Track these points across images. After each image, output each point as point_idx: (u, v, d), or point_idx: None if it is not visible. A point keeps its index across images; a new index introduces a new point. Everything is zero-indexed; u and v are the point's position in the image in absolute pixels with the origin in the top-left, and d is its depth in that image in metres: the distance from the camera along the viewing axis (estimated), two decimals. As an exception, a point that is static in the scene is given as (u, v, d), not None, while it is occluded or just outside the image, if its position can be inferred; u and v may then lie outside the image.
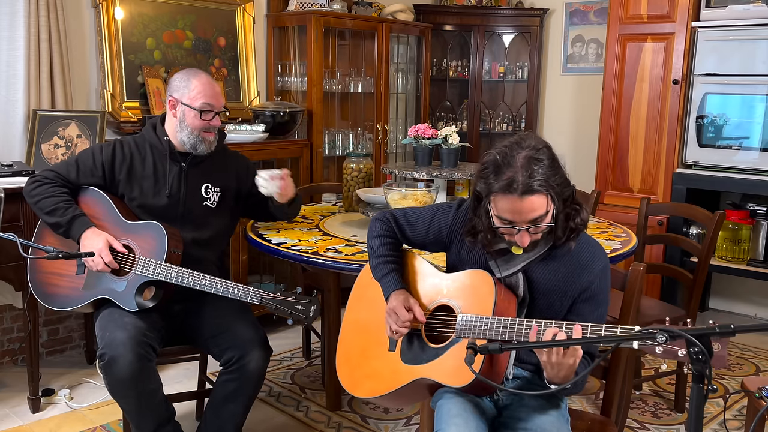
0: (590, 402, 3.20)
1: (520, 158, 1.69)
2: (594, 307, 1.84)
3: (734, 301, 4.54)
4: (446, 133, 3.07)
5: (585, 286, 1.83)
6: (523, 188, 1.67)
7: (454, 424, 1.75)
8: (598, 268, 1.83)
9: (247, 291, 2.24)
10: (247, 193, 2.66)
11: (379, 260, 2.01)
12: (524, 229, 1.72)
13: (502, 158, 1.71)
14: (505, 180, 1.68)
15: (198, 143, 2.44)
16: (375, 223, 2.08)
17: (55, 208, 2.34)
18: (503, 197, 1.70)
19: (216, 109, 2.44)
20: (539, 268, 1.85)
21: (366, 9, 4.54)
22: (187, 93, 2.42)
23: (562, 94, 5.24)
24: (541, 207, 1.70)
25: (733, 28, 3.81)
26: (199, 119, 2.41)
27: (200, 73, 2.47)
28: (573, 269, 1.83)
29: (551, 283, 1.84)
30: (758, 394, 2.16)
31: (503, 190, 1.69)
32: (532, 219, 1.71)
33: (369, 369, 1.98)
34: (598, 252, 1.86)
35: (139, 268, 2.31)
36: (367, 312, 2.07)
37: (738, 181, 3.85)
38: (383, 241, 2.04)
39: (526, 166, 1.68)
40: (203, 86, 2.42)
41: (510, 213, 1.71)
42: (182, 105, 2.42)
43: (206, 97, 2.42)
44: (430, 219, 2.01)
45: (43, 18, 3.23)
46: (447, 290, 1.93)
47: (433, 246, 2.05)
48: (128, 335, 2.18)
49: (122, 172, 2.44)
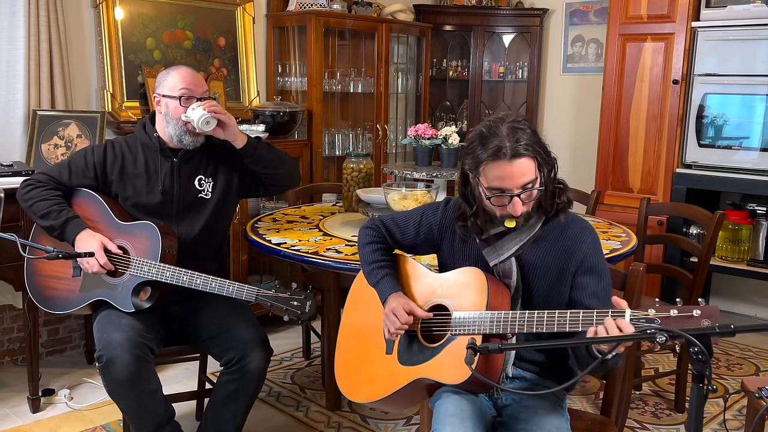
0: (590, 402, 3.20)
1: (504, 128, 1.75)
2: (597, 278, 1.86)
3: (734, 301, 4.54)
4: (446, 133, 3.07)
5: (581, 258, 1.85)
6: (512, 152, 1.72)
7: (450, 423, 1.75)
8: (589, 240, 1.87)
9: (242, 288, 2.24)
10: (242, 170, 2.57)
11: (372, 266, 2.01)
12: (516, 195, 1.74)
13: (488, 130, 1.77)
14: (492, 147, 1.73)
15: (183, 135, 2.42)
16: (364, 231, 2.09)
17: (49, 211, 2.33)
18: (493, 164, 1.74)
19: (196, 95, 2.41)
20: (532, 251, 1.87)
21: (366, 9, 4.54)
22: (167, 85, 2.42)
23: (562, 94, 5.24)
24: (530, 171, 1.74)
25: (733, 28, 3.81)
26: (180, 106, 2.39)
27: (180, 66, 2.48)
28: (565, 244, 1.86)
29: (548, 262, 1.86)
30: (758, 394, 2.16)
31: (492, 156, 1.73)
32: (523, 184, 1.74)
33: (367, 373, 1.99)
34: (586, 226, 1.91)
35: (134, 269, 2.31)
36: (363, 316, 2.07)
37: (738, 181, 3.85)
38: (374, 248, 2.04)
39: (511, 134, 1.74)
40: (181, 74, 2.42)
41: (501, 180, 1.74)
42: (164, 98, 2.42)
43: (185, 83, 2.40)
44: (419, 219, 2.02)
45: (43, 18, 3.23)
46: (440, 289, 1.94)
47: (424, 247, 2.06)
48: (125, 336, 2.18)
49: (114, 172, 2.44)
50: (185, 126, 2.41)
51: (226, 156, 2.56)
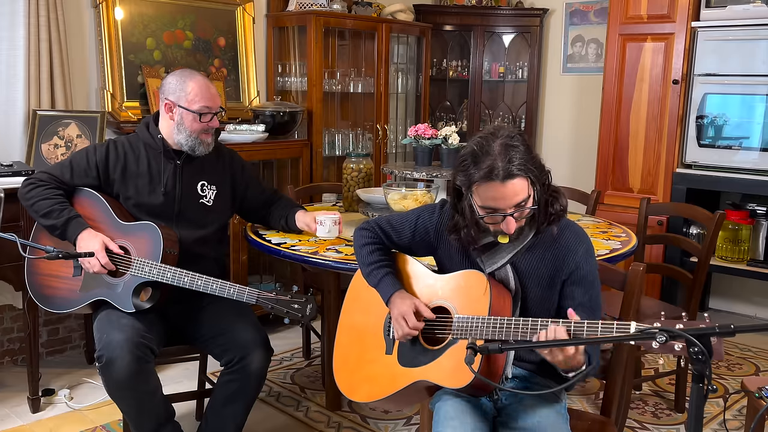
0: (590, 402, 3.20)
1: (496, 146, 1.73)
2: (585, 288, 1.85)
3: (734, 301, 4.54)
4: (446, 133, 3.07)
5: (572, 268, 1.84)
6: (504, 173, 1.70)
7: (451, 426, 1.75)
8: (582, 250, 1.86)
9: (243, 291, 2.24)
10: (242, 195, 2.65)
11: (371, 267, 2.01)
12: (509, 215, 1.73)
13: (479, 148, 1.74)
14: (485, 168, 1.71)
15: (197, 145, 2.44)
16: (360, 233, 2.08)
17: (51, 211, 2.33)
18: (485, 185, 1.72)
19: (214, 111, 2.44)
20: (526, 258, 1.86)
21: (366, 9, 4.54)
22: (184, 96, 2.40)
23: (562, 94, 5.24)
24: (523, 191, 1.73)
25: (733, 28, 3.81)
26: (198, 122, 2.41)
27: (195, 74, 2.46)
28: (557, 253, 1.85)
29: (540, 270, 1.86)
30: (758, 394, 2.16)
31: (484, 177, 1.71)
32: (515, 203, 1.73)
33: (366, 373, 1.98)
34: (580, 234, 1.89)
35: (135, 269, 2.31)
36: (362, 316, 2.06)
37: (738, 181, 3.85)
38: (372, 249, 2.04)
39: (503, 153, 1.71)
40: (200, 89, 2.41)
41: (493, 200, 1.73)
42: (180, 108, 2.41)
43: (204, 100, 2.41)
44: (415, 221, 2.01)
45: (43, 18, 3.23)
46: (442, 291, 1.93)
47: (420, 249, 2.05)
48: (125, 337, 2.18)
49: (117, 172, 2.44)
50: (198, 137, 2.42)
51: (236, 178, 2.60)
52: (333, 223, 2.63)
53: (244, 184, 2.64)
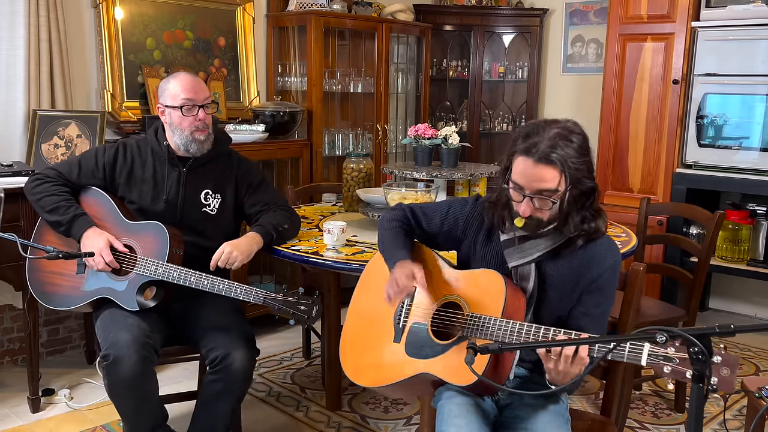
0: (590, 402, 3.20)
1: (551, 131, 1.75)
2: (599, 299, 1.83)
3: (734, 301, 4.54)
4: (446, 133, 3.07)
5: (593, 277, 1.83)
6: (541, 155, 1.71)
7: (455, 425, 1.75)
8: (609, 263, 1.83)
9: (249, 291, 2.23)
10: (242, 202, 2.59)
11: (391, 246, 2.00)
12: (528, 197, 1.73)
13: (537, 127, 1.78)
14: (529, 143, 1.73)
15: (189, 144, 2.42)
16: (390, 213, 2.09)
17: (57, 207, 2.34)
18: (521, 159, 1.74)
19: (198, 102, 2.41)
20: (553, 263, 1.85)
21: (366, 9, 4.54)
22: (168, 95, 2.41)
23: (562, 94, 5.24)
24: (551, 180, 1.72)
25: (733, 28, 3.81)
26: (183, 116, 2.39)
27: (180, 72, 2.46)
28: (584, 261, 1.83)
29: (564, 276, 1.84)
30: (758, 394, 2.16)
31: (523, 151, 1.74)
32: (539, 189, 1.72)
33: (373, 358, 1.98)
34: (613, 248, 1.87)
35: (140, 268, 2.31)
36: (373, 300, 2.05)
37: (738, 181, 3.85)
38: (397, 232, 2.03)
39: (552, 139, 1.73)
40: (181, 83, 2.40)
41: (522, 176, 1.74)
42: (168, 108, 2.41)
43: (185, 92, 2.39)
44: (446, 210, 2.03)
45: (43, 18, 3.23)
46: (456, 287, 1.93)
47: (445, 240, 2.04)
48: (132, 336, 2.18)
49: (122, 175, 2.44)
50: (191, 135, 2.41)
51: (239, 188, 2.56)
52: (341, 230, 2.60)
53: (244, 190, 2.58)
